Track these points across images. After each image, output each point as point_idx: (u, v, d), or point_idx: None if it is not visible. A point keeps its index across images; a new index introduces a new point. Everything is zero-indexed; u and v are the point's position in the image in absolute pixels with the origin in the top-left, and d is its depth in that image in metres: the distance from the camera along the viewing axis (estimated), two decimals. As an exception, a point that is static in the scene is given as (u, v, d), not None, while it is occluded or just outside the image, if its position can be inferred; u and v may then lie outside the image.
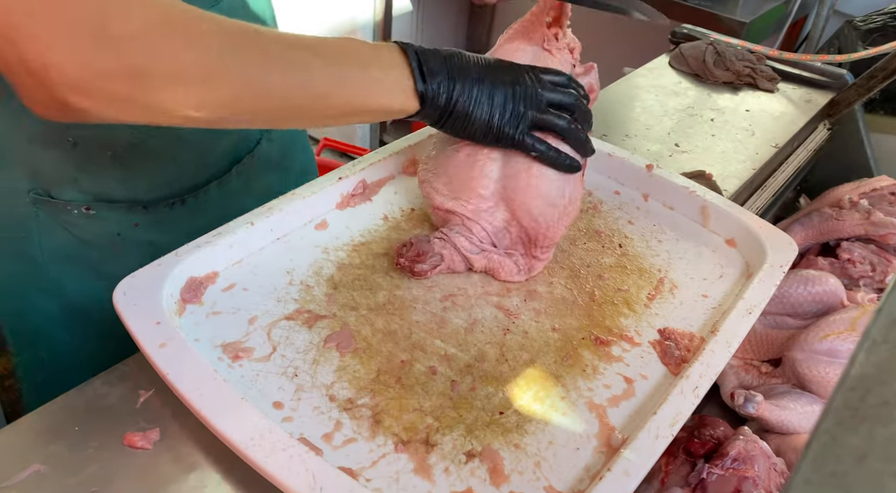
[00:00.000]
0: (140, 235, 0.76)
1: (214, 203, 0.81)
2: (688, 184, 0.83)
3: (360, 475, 0.51)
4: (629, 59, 1.56)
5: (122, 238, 0.75)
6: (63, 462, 0.51)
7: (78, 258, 0.75)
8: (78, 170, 0.70)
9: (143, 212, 0.75)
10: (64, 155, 0.69)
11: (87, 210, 0.72)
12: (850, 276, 0.91)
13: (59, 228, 0.73)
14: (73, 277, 0.76)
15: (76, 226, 0.73)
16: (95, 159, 0.70)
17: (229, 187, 0.82)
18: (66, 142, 0.68)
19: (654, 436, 0.53)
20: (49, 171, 0.70)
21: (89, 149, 0.69)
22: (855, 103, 1.16)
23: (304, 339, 0.61)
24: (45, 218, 0.72)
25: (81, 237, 0.74)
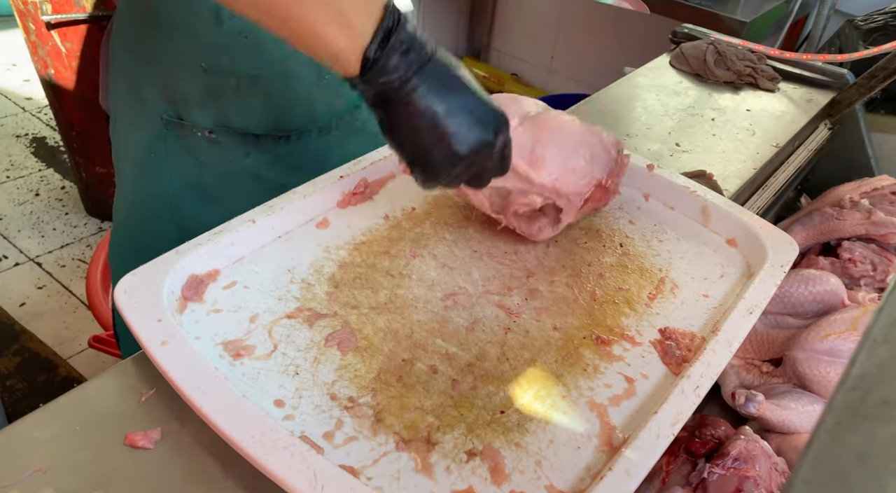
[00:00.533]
0: (249, 165, 0.84)
1: (314, 148, 0.88)
2: (688, 184, 0.83)
3: (361, 473, 0.51)
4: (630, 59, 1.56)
5: (234, 166, 0.84)
6: (64, 462, 0.51)
7: (195, 181, 0.84)
8: (206, 95, 0.79)
9: (254, 142, 0.83)
10: (196, 79, 0.78)
11: (210, 133, 0.82)
12: (851, 275, 0.91)
13: (183, 150, 0.82)
14: (189, 198, 0.85)
15: (198, 148, 0.82)
16: (221, 86, 0.79)
17: (328, 138, 0.89)
18: (199, 67, 0.77)
19: (655, 436, 0.53)
20: (183, 94, 0.79)
21: (218, 75, 0.78)
22: (856, 103, 1.16)
23: (306, 337, 0.62)
24: (173, 139, 0.82)
25: (201, 160, 0.83)
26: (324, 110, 0.87)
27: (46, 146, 2.65)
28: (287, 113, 0.83)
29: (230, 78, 0.78)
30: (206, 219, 0.80)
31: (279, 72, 0.79)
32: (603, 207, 0.77)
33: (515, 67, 2.90)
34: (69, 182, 2.46)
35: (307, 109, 0.85)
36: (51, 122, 2.75)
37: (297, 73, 0.81)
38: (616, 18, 2.45)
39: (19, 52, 3.08)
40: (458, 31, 2.96)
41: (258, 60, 0.78)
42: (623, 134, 1.04)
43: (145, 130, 0.83)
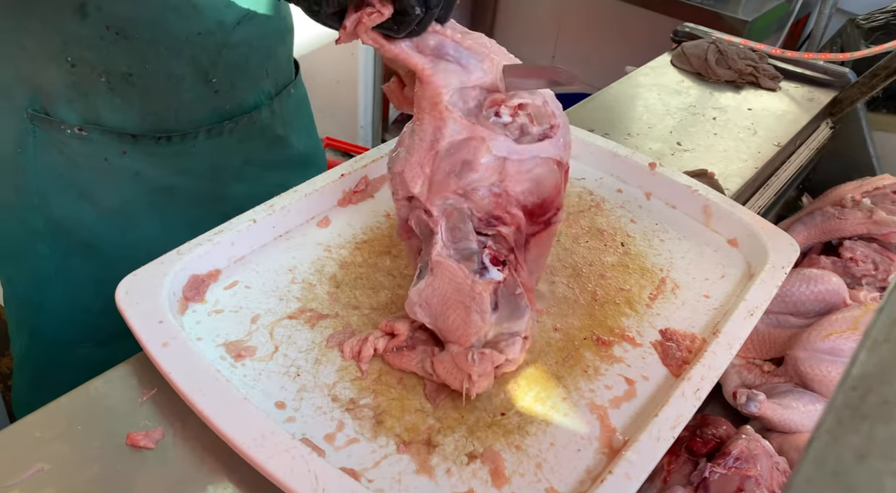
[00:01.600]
0: (127, 163, 0.79)
1: (203, 151, 0.83)
2: (690, 183, 0.83)
3: (362, 475, 0.51)
4: (631, 58, 1.56)
5: (110, 164, 0.78)
6: (66, 462, 0.51)
7: (67, 178, 0.78)
8: (73, 90, 0.74)
9: (132, 141, 0.78)
10: (62, 74, 0.72)
11: (80, 131, 0.76)
12: (853, 275, 0.91)
13: (52, 147, 0.77)
14: (61, 196, 0.79)
15: (68, 146, 0.77)
16: (90, 83, 0.73)
17: (220, 141, 0.84)
18: (66, 62, 0.71)
19: (655, 438, 0.53)
20: (47, 88, 0.74)
21: (86, 71, 0.72)
22: (857, 102, 1.16)
23: (307, 338, 0.62)
24: (41, 135, 0.76)
25: (72, 158, 0.77)
26: (210, 112, 0.82)
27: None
28: (167, 114, 0.78)
29: (100, 75, 0.73)
30: (80, 217, 0.79)
31: (156, 72, 0.74)
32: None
33: (517, 67, 2.89)
34: None
35: (190, 110, 0.80)
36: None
37: (177, 73, 0.76)
38: (617, 17, 2.45)
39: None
40: (459, 30, 2.96)
41: (132, 58, 0.73)
42: (625, 133, 1.04)
43: (9, 123, 0.77)
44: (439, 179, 0.57)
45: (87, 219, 0.80)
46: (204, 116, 0.82)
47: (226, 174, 0.87)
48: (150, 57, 0.73)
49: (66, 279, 0.83)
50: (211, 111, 0.82)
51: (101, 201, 0.80)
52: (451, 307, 0.57)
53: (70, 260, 0.82)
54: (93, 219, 0.80)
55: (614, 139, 0.98)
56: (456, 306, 0.57)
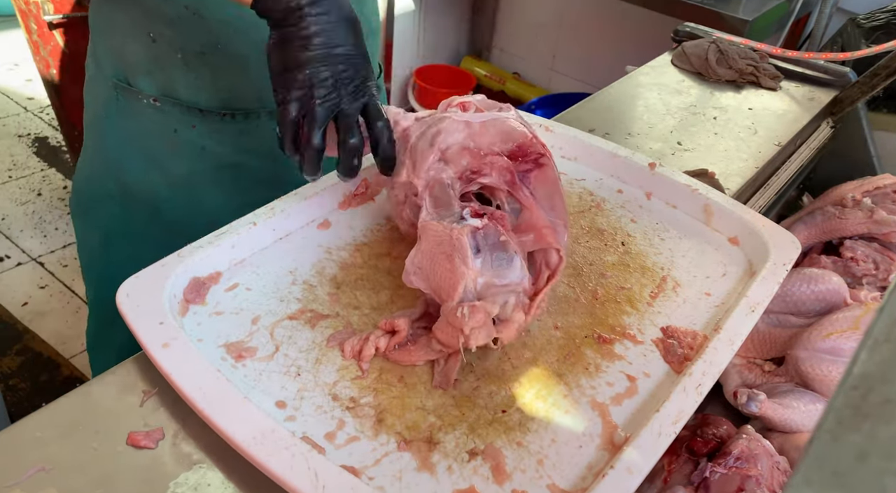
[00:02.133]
0: (195, 137, 0.85)
1: (266, 131, 0.87)
2: (690, 182, 0.82)
3: (362, 473, 0.51)
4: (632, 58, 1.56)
5: (179, 136, 0.84)
6: (67, 462, 0.51)
7: (140, 145, 0.85)
8: (153, 64, 0.80)
9: (200, 116, 0.83)
10: (144, 48, 0.79)
11: (155, 102, 0.82)
12: (854, 274, 0.91)
13: (131, 115, 0.84)
14: (133, 161, 0.86)
15: (144, 115, 0.83)
16: (167, 58, 0.80)
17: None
18: (148, 37, 0.78)
19: (656, 434, 0.53)
20: (131, 61, 0.81)
21: (164, 47, 0.79)
22: (858, 101, 1.16)
23: (307, 338, 0.62)
24: (122, 103, 0.83)
25: (146, 126, 0.84)
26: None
27: (48, 146, 2.66)
28: (233, 93, 0.83)
29: (176, 51, 0.79)
30: (148, 183, 0.85)
31: (225, 52, 0.79)
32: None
33: (517, 66, 2.89)
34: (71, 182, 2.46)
35: (254, 91, 0.84)
36: (53, 122, 2.75)
37: (243, 54, 0.80)
38: (618, 17, 2.45)
39: (21, 53, 3.08)
40: (459, 30, 2.96)
41: (204, 38, 0.78)
42: (625, 133, 1.04)
43: (100, 91, 0.85)
44: (418, 156, 0.64)
45: (155, 185, 0.86)
46: (267, 97, 0.85)
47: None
48: (221, 37, 0.78)
49: (131, 238, 0.89)
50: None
51: (169, 171, 0.85)
52: (438, 262, 0.59)
53: (136, 221, 0.89)
54: (160, 186, 0.86)
55: (615, 139, 0.98)
56: (441, 259, 0.59)
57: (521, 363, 0.62)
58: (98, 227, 0.92)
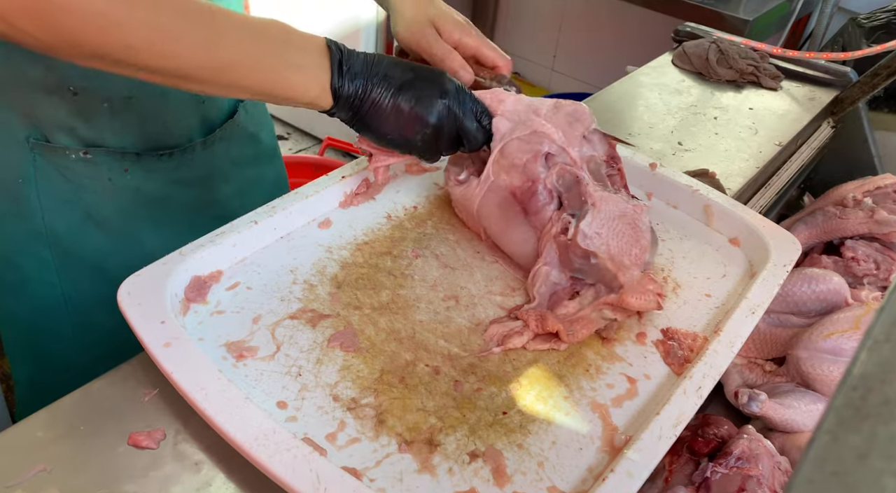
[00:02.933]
0: (129, 181, 0.80)
1: (199, 160, 0.85)
2: (691, 182, 0.82)
3: (364, 475, 0.51)
4: (632, 58, 1.56)
5: (113, 183, 0.79)
6: (68, 462, 0.51)
7: (72, 202, 0.79)
8: (76, 118, 0.74)
9: (135, 159, 0.79)
10: (64, 103, 0.73)
11: (85, 154, 0.77)
12: (855, 274, 0.91)
13: (55, 173, 0.77)
14: (67, 221, 0.79)
15: (72, 170, 0.77)
16: (93, 109, 0.74)
17: (213, 149, 0.87)
18: (68, 91, 0.72)
19: (657, 437, 0.53)
20: (49, 117, 0.74)
21: (88, 99, 0.73)
22: (859, 101, 1.16)
23: (308, 338, 0.62)
24: (42, 163, 0.76)
25: (76, 181, 0.78)
26: (205, 125, 0.85)
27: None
28: (167, 131, 0.81)
29: (102, 101, 0.74)
30: (86, 239, 0.80)
31: (155, 92, 0.76)
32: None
33: (518, 66, 2.89)
34: None
35: (188, 125, 0.82)
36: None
37: (174, 92, 0.77)
38: (618, 17, 2.45)
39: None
40: (460, 30, 2.96)
41: (132, 82, 0.74)
42: (625, 133, 1.04)
43: (9, 153, 0.76)
44: (566, 131, 0.69)
45: (93, 242, 0.81)
46: (196, 126, 0.84)
47: (217, 179, 0.89)
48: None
49: (77, 304, 0.83)
50: (200, 121, 0.84)
51: (106, 222, 0.81)
52: (621, 231, 0.66)
53: (79, 285, 0.82)
54: (99, 241, 0.81)
55: (615, 139, 0.98)
56: (626, 229, 0.66)
57: (521, 365, 0.62)
58: (32, 302, 0.83)
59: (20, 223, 0.79)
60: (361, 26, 2.53)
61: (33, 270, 0.81)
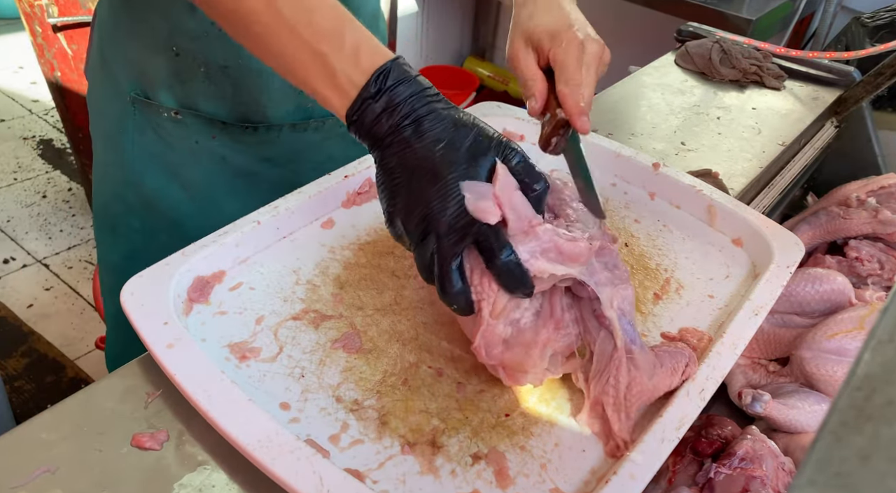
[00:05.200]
0: (215, 147, 0.85)
1: (286, 142, 0.87)
2: (694, 182, 0.82)
3: (367, 476, 0.51)
4: (635, 58, 1.56)
5: (200, 146, 0.84)
6: (72, 463, 0.51)
7: (159, 158, 0.85)
8: (174, 78, 0.80)
9: (221, 127, 0.83)
10: (166, 62, 0.78)
11: (175, 115, 0.82)
12: (859, 274, 0.91)
13: (149, 128, 0.83)
14: (153, 174, 0.85)
15: (163, 128, 0.83)
16: (190, 71, 0.79)
17: (304, 136, 0.89)
18: (171, 51, 0.78)
19: (659, 439, 0.53)
20: (151, 75, 0.80)
21: (188, 61, 0.78)
22: (862, 100, 1.16)
23: (311, 339, 0.62)
24: (140, 117, 0.83)
25: (165, 139, 0.83)
26: (296, 110, 0.86)
27: (53, 148, 2.66)
28: (255, 106, 0.83)
29: (200, 65, 0.78)
30: (169, 196, 0.85)
31: (249, 67, 0.79)
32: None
33: (520, 67, 2.89)
34: (76, 184, 2.47)
35: (277, 105, 0.84)
36: (57, 124, 2.76)
37: (268, 70, 0.76)
38: (620, 17, 2.45)
39: (26, 55, 3.09)
40: (462, 30, 2.96)
41: (229, 53, 0.78)
42: (628, 133, 1.04)
43: (114, 104, 0.84)
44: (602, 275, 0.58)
45: (175, 198, 0.86)
46: (289, 111, 0.85)
47: (307, 166, 0.91)
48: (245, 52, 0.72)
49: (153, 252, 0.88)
50: (295, 107, 0.86)
51: (190, 182, 0.85)
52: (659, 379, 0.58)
53: (157, 235, 0.88)
54: (181, 198, 0.86)
55: (618, 139, 0.98)
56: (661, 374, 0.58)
57: (524, 364, 0.62)
58: (122, 243, 0.91)
59: (118, 171, 0.87)
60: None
61: (123, 215, 0.89)
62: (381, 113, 0.53)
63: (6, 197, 2.40)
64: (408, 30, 2.70)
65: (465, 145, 0.53)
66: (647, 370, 0.57)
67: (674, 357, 0.59)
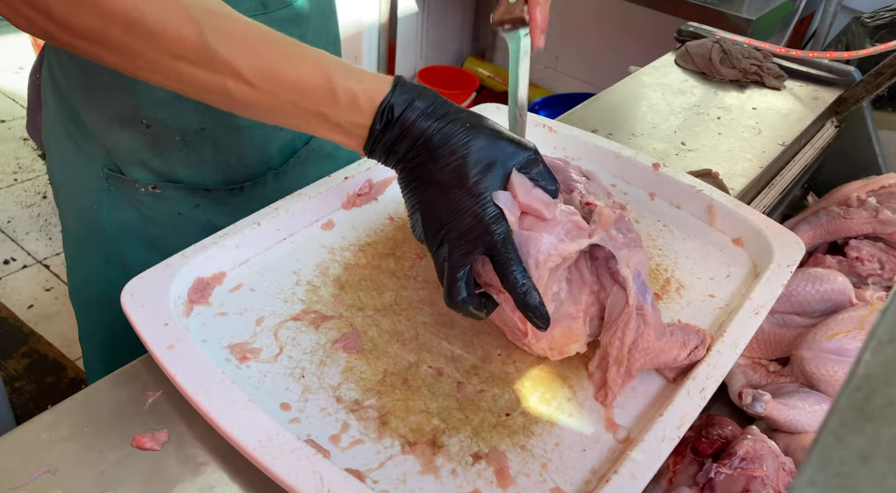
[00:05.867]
0: (199, 215, 0.81)
1: (271, 190, 0.85)
2: (694, 182, 0.82)
3: (367, 476, 0.51)
4: (635, 58, 1.56)
5: (183, 217, 0.81)
6: (72, 464, 0.51)
7: (140, 233, 0.81)
8: (148, 151, 0.76)
9: (205, 194, 0.80)
10: (137, 135, 0.74)
11: (154, 189, 0.78)
12: (859, 274, 0.91)
13: (126, 204, 0.79)
14: (135, 250, 0.82)
15: (142, 203, 0.79)
16: (165, 142, 0.75)
17: (285, 177, 0.86)
18: (141, 123, 0.74)
19: (660, 438, 0.53)
20: (123, 149, 0.76)
21: (160, 131, 0.74)
22: (863, 100, 1.16)
23: (311, 340, 0.62)
24: (115, 193, 0.79)
25: (145, 214, 0.80)
26: (279, 155, 0.84)
27: (54, 149, 2.66)
28: (240, 164, 0.80)
29: (174, 134, 0.75)
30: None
31: (228, 124, 0.76)
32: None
33: (520, 67, 2.89)
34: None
35: (262, 157, 0.82)
36: (58, 125, 2.76)
37: (248, 123, 0.77)
38: (621, 17, 2.45)
39: (26, 56, 3.09)
40: (463, 30, 2.96)
41: (204, 114, 0.74)
42: (628, 133, 1.04)
43: (86, 180, 0.79)
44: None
45: None
46: (273, 159, 0.83)
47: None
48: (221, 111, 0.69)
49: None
50: (279, 150, 0.84)
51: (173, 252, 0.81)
52: (666, 344, 0.60)
53: None
54: None
55: (618, 139, 0.98)
56: (670, 341, 0.60)
57: (524, 366, 0.62)
58: (107, 318, 0.85)
59: (97, 249, 0.83)
60: (364, 27, 2.53)
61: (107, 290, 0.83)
62: (394, 142, 0.56)
63: (6, 198, 2.40)
64: (408, 30, 2.71)
65: (477, 156, 0.55)
66: (655, 329, 0.59)
67: (686, 334, 0.61)
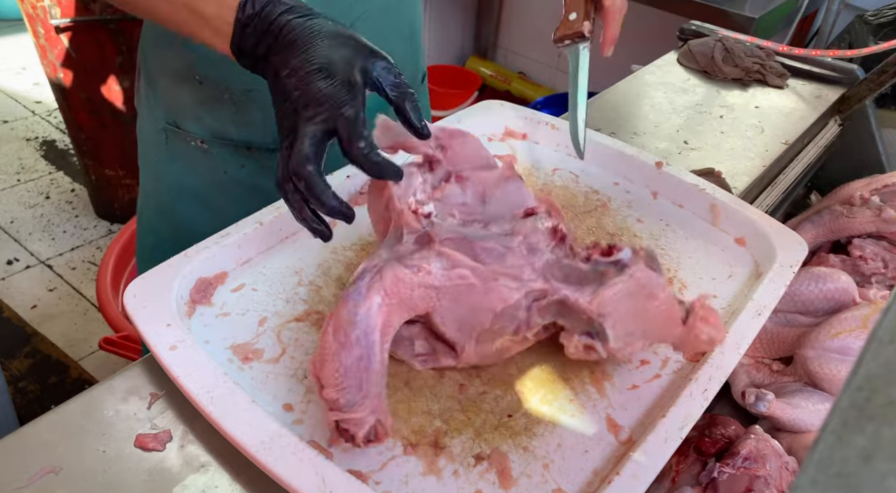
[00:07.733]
0: (245, 177, 0.85)
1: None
2: (697, 181, 0.82)
3: (369, 478, 0.51)
4: (637, 57, 1.56)
5: (229, 177, 0.85)
6: (75, 464, 0.52)
7: (191, 188, 0.86)
8: (202, 107, 0.81)
9: (248, 154, 0.84)
10: (192, 91, 0.80)
11: (202, 144, 0.83)
12: (862, 273, 0.91)
13: (179, 157, 0.85)
14: (185, 205, 0.87)
15: (193, 158, 0.84)
16: (216, 99, 0.80)
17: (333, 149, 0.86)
18: (194, 79, 0.79)
19: (663, 439, 0.53)
20: (181, 104, 0.82)
21: (212, 88, 0.79)
22: (866, 99, 1.15)
23: (314, 340, 0.62)
24: (172, 145, 0.84)
25: (196, 169, 0.85)
26: None
27: (56, 149, 2.67)
28: None
29: (224, 91, 0.79)
30: (200, 225, 0.82)
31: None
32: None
33: (522, 66, 2.89)
34: (79, 185, 2.47)
35: None
36: (60, 125, 2.77)
37: None
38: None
39: (29, 56, 3.10)
40: (464, 29, 2.96)
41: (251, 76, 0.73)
42: (631, 132, 1.03)
43: (150, 135, 0.86)
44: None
45: (206, 228, 0.82)
46: None
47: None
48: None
49: None
50: None
51: (221, 212, 0.83)
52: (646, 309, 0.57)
53: None
54: (213, 228, 0.83)
55: (621, 138, 0.98)
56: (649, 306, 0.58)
57: (526, 367, 0.62)
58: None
59: (153, 198, 0.90)
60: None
61: (157, 242, 0.91)
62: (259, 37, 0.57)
63: (9, 198, 2.41)
64: (410, 30, 2.70)
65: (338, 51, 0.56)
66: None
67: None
